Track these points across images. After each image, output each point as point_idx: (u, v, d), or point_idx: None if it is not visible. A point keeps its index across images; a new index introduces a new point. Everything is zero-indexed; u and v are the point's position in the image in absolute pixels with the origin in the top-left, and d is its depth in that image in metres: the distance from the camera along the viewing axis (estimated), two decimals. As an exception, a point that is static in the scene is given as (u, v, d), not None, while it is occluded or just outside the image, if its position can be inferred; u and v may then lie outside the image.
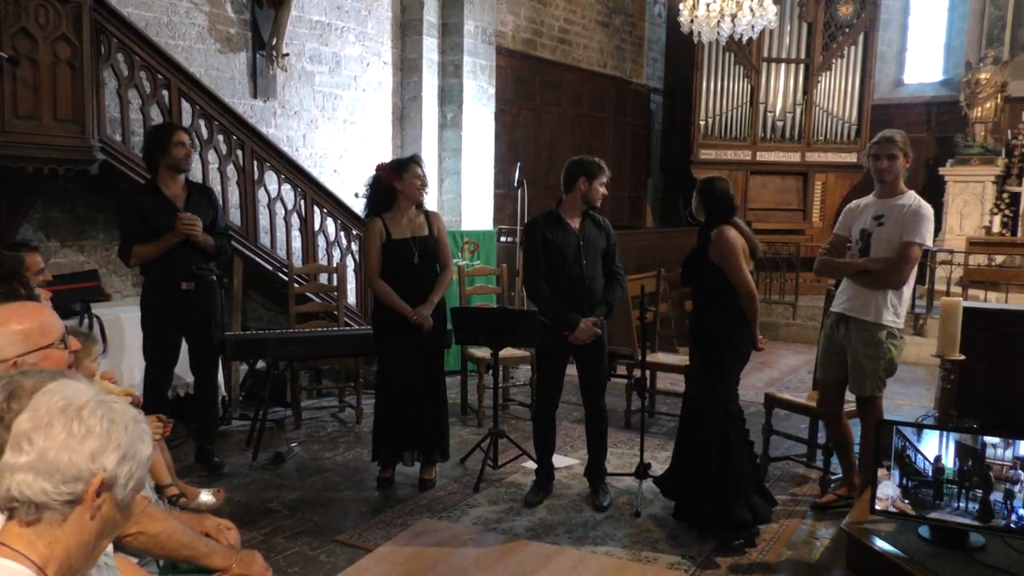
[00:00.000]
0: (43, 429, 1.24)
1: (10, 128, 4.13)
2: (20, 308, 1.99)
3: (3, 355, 1.83)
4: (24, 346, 1.86)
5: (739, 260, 3.56)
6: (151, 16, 5.56)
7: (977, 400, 4.78)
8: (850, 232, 3.95)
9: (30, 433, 1.24)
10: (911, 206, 3.72)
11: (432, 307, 4.10)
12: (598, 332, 3.95)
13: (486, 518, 3.89)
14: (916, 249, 3.69)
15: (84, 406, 1.27)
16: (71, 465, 1.23)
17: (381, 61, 7.48)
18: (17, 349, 1.85)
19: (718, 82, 10.81)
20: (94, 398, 1.30)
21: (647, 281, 6.49)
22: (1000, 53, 10.28)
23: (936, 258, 8.36)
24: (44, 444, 1.23)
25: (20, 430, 1.25)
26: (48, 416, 1.25)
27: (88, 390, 1.33)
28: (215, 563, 2.04)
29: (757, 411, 5.02)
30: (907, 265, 3.71)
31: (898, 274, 3.72)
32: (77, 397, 1.29)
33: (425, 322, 4.07)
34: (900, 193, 3.78)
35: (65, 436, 1.24)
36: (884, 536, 3.20)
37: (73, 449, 1.24)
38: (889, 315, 3.76)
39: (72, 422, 1.25)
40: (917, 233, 3.67)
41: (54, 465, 1.23)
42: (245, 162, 5.57)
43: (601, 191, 4.01)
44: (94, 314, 4.46)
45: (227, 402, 5.34)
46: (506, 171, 8.63)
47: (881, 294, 3.75)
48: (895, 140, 3.81)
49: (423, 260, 4.10)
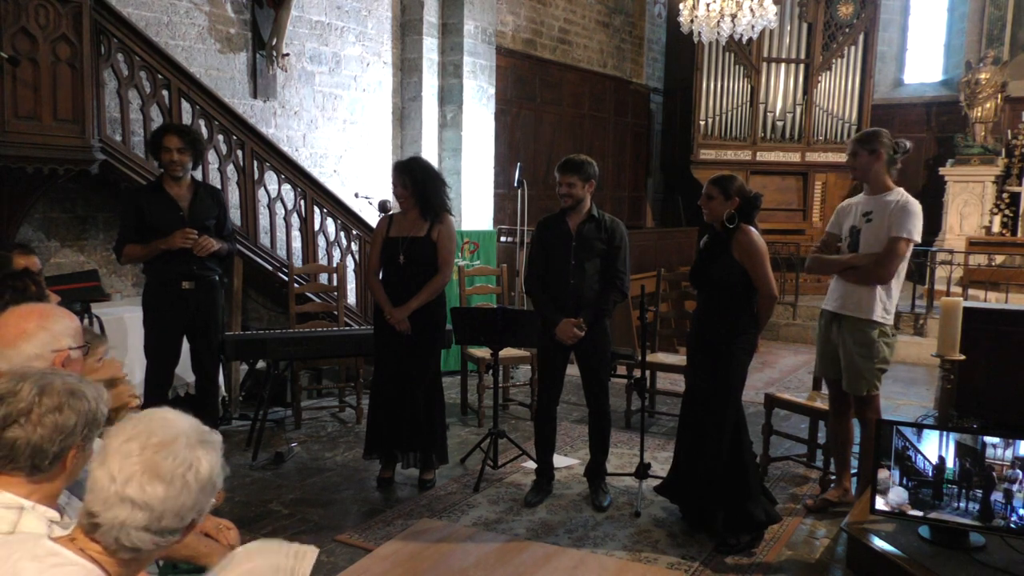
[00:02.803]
0: (164, 483, 1.33)
1: (10, 128, 4.13)
2: (57, 308, 2.06)
3: (60, 345, 1.92)
4: (75, 340, 1.98)
5: (766, 260, 3.56)
6: (151, 16, 5.56)
7: (977, 400, 4.79)
8: (842, 230, 3.96)
9: (146, 485, 1.32)
10: (898, 202, 3.73)
11: (409, 310, 4.04)
12: (579, 334, 3.92)
13: (486, 518, 3.89)
14: (902, 244, 3.68)
15: (193, 463, 1.37)
16: (179, 518, 1.35)
17: (381, 61, 7.48)
18: (70, 342, 1.96)
19: (718, 82, 10.81)
20: (188, 443, 1.39)
21: (647, 281, 6.48)
22: (1000, 53, 10.29)
23: (936, 258, 8.37)
24: (163, 507, 1.32)
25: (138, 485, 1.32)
26: (170, 474, 1.34)
27: (181, 430, 1.41)
28: (215, 563, 2.04)
29: (757, 411, 5.02)
30: (892, 260, 3.70)
31: (883, 269, 3.71)
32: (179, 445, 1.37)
33: (399, 324, 4.04)
34: (888, 190, 3.79)
35: (178, 492, 1.34)
36: (884, 536, 3.21)
37: (184, 504, 1.35)
38: (879, 311, 3.75)
39: (185, 476, 1.35)
40: (904, 228, 3.67)
41: (167, 521, 1.34)
42: (245, 162, 5.57)
43: (559, 191, 3.99)
44: (94, 314, 4.46)
45: (227, 402, 5.34)
46: (506, 171, 8.63)
47: (870, 291, 3.75)
48: (858, 140, 3.86)
49: (409, 261, 4.07)
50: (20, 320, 1.93)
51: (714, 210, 3.64)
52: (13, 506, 1.50)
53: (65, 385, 1.55)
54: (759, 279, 3.55)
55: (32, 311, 1.97)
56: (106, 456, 1.34)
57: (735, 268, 3.55)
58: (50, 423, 1.50)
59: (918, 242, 3.73)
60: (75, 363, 1.98)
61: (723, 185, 3.61)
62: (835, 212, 4.09)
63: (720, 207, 3.61)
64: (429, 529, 3.74)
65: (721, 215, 3.61)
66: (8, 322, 1.93)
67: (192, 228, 4.13)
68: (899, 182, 3.86)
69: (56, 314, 1.99)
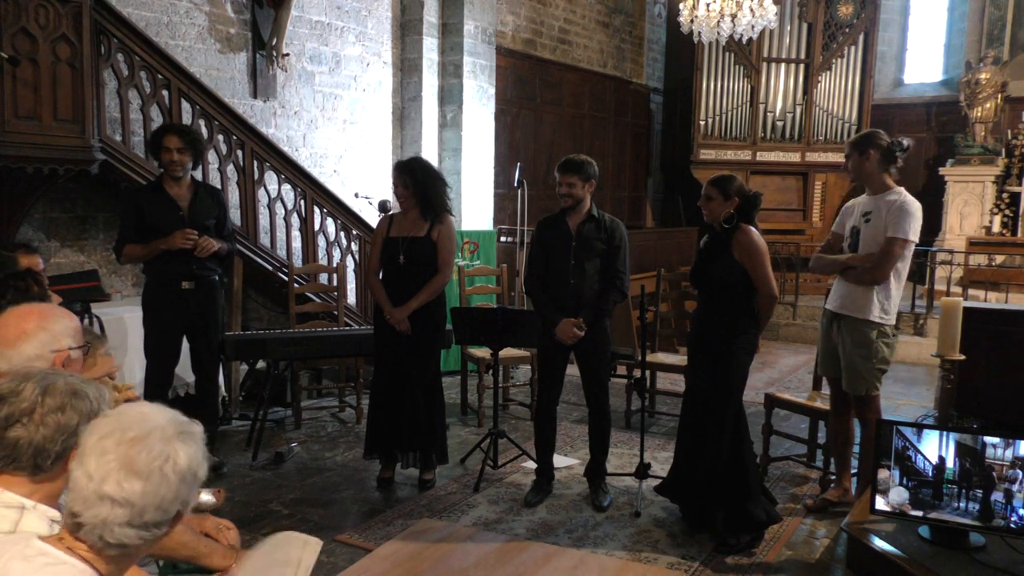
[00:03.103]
0: (141, 478, 1.32)
1: (10, 128, 4.13)
2: (57, 308, 2.06)
3: (59, 345, 1.92)
4: (75, 340, 1.98)
5: (767, 260, 3.57)
6: (151, 16, 5.56)
7: (977, 400, 4.79)
8: (845, 230, 3.97)
9: (123, 482, 1.31)
10: (896, 202, 3.73)
11: (409, 310, 4.05)
12: (579, 334, 3.92)
13: (486, 518, 3.89)
14: (899, 245, 3.68)
15: (172, 455, 1.36)
16: (161, 511, 1.34)
17: (381, 61, 7.48)
18: (70, 342, 1.96)
19: (718, 82, 10.82)
20: (165, 436, 1.38)
21: (647, 281, 6.48)
22: (1000, 53, 10.29)
23: (936, 258, 8.37)
24: (143, 502, 1.31)
25: (116, 479, 1.32)
26: (147, 468, 1.33)
27: (159, 423, 1.40)
28: (215, 563, 2.04)
29: (757, 411, 5.02)
30: (888, 260, 3.70)
31: (878, 270, 3.71)
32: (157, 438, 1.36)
33: (400, 324, 4.05)
34: (888, 190, 3.80)
35: (156, 485, 1.33)
36: (884, 536, 3.21)
37: (165, 497, 1.34)
38: (878, 312, 3.75)
39: (163, 469, 1.34)
40: (900, 228, 3.67)
41: (150, 515, 1.33)
42: (245, 162, 5.57)
43: (559, 191, 4.01)
44: (94, 314, 4.46)
45: (227, 402, 5.34)
46: (506, 171, 8.63)
47: (868, 291, 3.75)
48: (849, 143, 3.91)
49: (409, 261, 4.08)
50: (20, 320, 1.93)
51: (713, 211, 3.63)
52: (14, 505, 1.51)
53: (68, 385, 1.55)
54: (759, 279, 3.55)
55: (31, 311, 1.97)
56: (83, 454, 1.33)
57: (735, 268, 3.55)
58: (52, 423, 1.51)
59: (915, 242, 3.73)
60: (75, 363, 1.98)
61: (722, 186, 3.61)
62: (840, 212, 4.11)
63: (719, 208, 3.61)
64: (429, 529, 3.74)
65: (720, 216, 3.61)
66: (8, 322, 1.93)
67: (192, 228, 4.13)
68: (900, 182, 3.86)
69: (56, 314, 1.99)
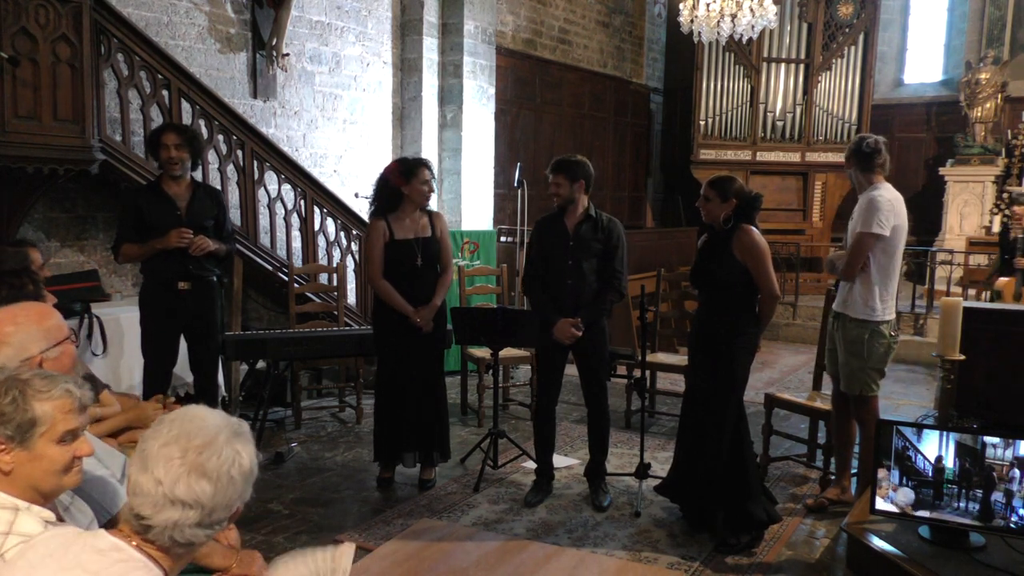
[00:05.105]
0: (211, 481, 1.39)
1: (10, 128, 4.13)
2: (31, 307, 2.03)
3: (28, 352, 1.90)
4: (47, 341, 1.94)
5: (769, 260, 3.57)
6: (151, 16, 5.56)
7: (977, 400, 4.78)
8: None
9: (194, 485, 1.38)
10: (866, 198, 3.77)
11: (435, 311, 4.11)
12: (576, 334, 3.92)
13: (486, 518, 3.89)
14: (865, 239, 3.70)
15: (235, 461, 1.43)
16: (227, 509, 1.42)
17: (381, 61, 7.48)
18: (40, 345, 1.93)
19: (718, 82, 10.81)
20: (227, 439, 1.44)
21: (647, 281, 6.48)
22: (1000, 53, 10.30)
23: (936, 258, 8.37)
24: (212, 503, 1.39)
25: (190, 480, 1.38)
26: (216, 471, 1.39)
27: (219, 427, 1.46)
28: (215, 563, 2.04)
29: (757, 411, 5.02)
30: (856, 256, 3.73)
31: (849, 266, 3.76)
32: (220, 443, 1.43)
33: (426, 325, 4.08)
34: (868, 187, 3.83)
35: (225, 487, 1.41)
36: (884, 536, 3.21)
37: (231, 496, 1.42)
38: (865, 310, 3.76)
39: (230, 472, 1.41)
40: (866, 223, 3.71)
41: (217, 514, 1.41)
42: (245, 162, 5.57)
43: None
44: (94, 314, 4.46)
45: (227, 402, 5.34)
46: (506, 171, 8.64)
47: (859, 289, 3.78)
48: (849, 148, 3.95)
49: (425, 261, 4.11)
50: None
51: (711, 212, 3.64)
52: (8, 507, 1.50)
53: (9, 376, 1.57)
54: (761, 278, 3.55)
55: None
56: (147, 461, 1.38)
57: (736, 267, 3.55)
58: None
59: (885, 235, 3.71)
60: (60, 358, 1.95)
61: (719, 187, 3.61)
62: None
63: (716, 209, 3.61)
64: (429, 529, 3.74)
65: (718, 216, 3.61)
66: None
67: (189, 228, 4.12)
68: (900, 182, 3.87)
69: (19, 321, 1.94)
